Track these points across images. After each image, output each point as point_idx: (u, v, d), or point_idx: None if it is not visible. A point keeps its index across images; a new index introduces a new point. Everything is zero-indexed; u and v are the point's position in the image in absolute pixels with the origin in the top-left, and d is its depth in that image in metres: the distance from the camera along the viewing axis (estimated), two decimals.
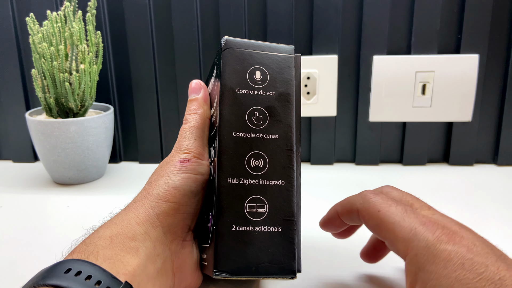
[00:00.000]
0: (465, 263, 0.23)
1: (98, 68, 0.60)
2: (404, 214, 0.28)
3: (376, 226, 0.29)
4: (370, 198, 0.30)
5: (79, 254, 0.26)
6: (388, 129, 0.66)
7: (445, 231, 0.26)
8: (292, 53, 0.32)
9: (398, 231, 0.27)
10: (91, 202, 0.55)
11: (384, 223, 0.28)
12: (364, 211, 0.30)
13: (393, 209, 0.28)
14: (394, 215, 0.28)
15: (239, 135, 0.30)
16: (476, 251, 0.24)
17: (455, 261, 0.24)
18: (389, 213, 0.28)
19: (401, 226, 0.27)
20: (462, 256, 0.24)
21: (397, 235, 0.27)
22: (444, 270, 0.24)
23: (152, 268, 0.28)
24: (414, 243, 0.26)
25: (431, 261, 0.24)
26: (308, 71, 0.63)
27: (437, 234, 0.25)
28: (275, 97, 0.31)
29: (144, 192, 0.31)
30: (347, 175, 0.63)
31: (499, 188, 0.57)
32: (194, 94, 0.36)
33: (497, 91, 0.63)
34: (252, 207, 0.29)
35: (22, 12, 0.65)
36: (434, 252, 0.24)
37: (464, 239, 0.25)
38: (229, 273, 0.27)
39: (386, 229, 0.28)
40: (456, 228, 0.26)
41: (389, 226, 0.27)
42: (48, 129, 0.56)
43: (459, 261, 0.24)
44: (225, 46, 0.31)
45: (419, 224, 0.26)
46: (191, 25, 0.63)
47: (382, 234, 0.28)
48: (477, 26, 0.60)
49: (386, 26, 0.61)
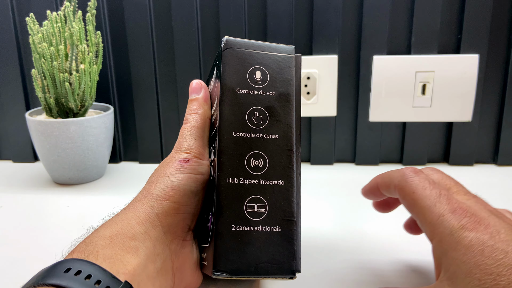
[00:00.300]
0: (484, 250, 0.24)
1: (98, 68, 0.60)
2: (437, 199, 0.28)
3: (409, 206, 0.30)
4: (408, 178, 0.31)
5: (79, 253, 0.26)
6: (388, 129, 0.66)
7: (472, 218, 0.26)
8: (293, 53, 0.32)
9: (427, 215, 0.28)
10: (91, 202, 0.55)
11: (417, 205, 0.29)
12: (401, 189, 0.31)
13: (427, 192, 0.29)
14: (427, 199, 0.29)
15: (239, 135, 0.30)
16: (498, 238, 0.25)
17: (475, 247, 0.24)
18: (423, 196, 0.29)
19: (431, 211, 0.28)
20: (483, 243, 0.24)
21: (426, 219, 0.28)
22: (464, 256, 0.24)
23: (152, 267, 0.28)
24: (440, 229, 0.26)
25: (453, 247, 0.25)
26: (308, 71, 0.63)
27: (463, 222, 0.26)
28: (275, 97, 0.31)
29: (144, 191, 0.31)
30: (347, 175, 0.63)
31: (499, 188, 0.57)
32: (194, 94, 0.36)
33: (497, 91, 0.63)
34: (251, 207, 0.29)
35: (22, 12, 0.65)
36: (457, 239, 0.25)
37: (490, 226, 0.26)
38: (228, 273, 0.27)
39: (418, 211, 0.29)
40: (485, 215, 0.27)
41: (421, 209, 0.28)
42: (48, 129, 0.56)
43: (479, 247, 0.24)
44: (226, 46, 0.31)
45: (448, 211, 0.27)
46: (191, 25, 0.63)
47: (414, 214, 0.29)
48: (477, 26, 0.60)
49: (386, 26, 0.61)
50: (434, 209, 0.28)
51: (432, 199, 0.28)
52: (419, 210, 0.29)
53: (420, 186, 0.30)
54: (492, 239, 0.24)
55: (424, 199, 0.29)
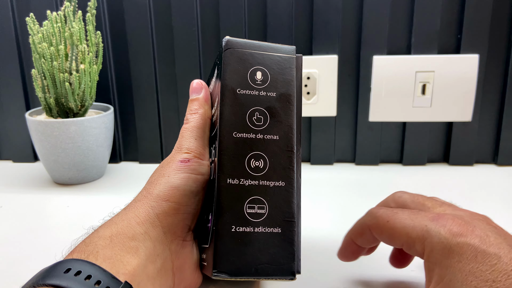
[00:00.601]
0: (478, 256, 0.24)
1: (98, 68, 0.60)
2: (413, 216, 0.28)
3: (390, 236, 0.29)
4: (376, 213, 0.30)
5: (79, 254, 0.26)
6: (388, 129, 0.66)
7: (456, 222, 0.26)
8: (294, 54, 0.32)
9: (411, 233, 0.27)
10: (91, 202, 0.55)
11: (396, 230, 0.28)
12: (375, 226, 0.30)
13: (400, 214, 0.29)
14: (403, 220, 0.28)
15: (240, 135, 0.30)
16: (488, 242, 0.24)
17: (468, 254, 0.24)
18: (398, 219, 0.28)
19: (412, 227, 0.27)
20: (475, 248, 0.24)
21: (411, 236, 0.27)
22: (458, 263, 0.24)
23: (152, 268, 0.28)
24: (428, 240, 0.26)
25: (446, 255, 0.25)
26: (308, 71, 0.63)
27: (448, 227, 0.25)
28: (276, 98, 0.31)
29: (145, 191, 0.31)
30: (347, 175, 0.63)
31: (499, 188, 0.57)
32: (195, 94, 0.36)
33: (497, 91, 0.63)
34: (252, 208, 0.29)
35: (22, 12, 0.65)
36: (447, 246, 0.25)
37: (476, 229, 0.25)
38: (228, 274, 0.27)
39: (399, 234, 0.28)
40: (468, 218, 0.27)
41: (401, 230, 0.28)
42: (48, 129, 0.56)
43: (472, 253, 0.24)
44: (226, 46, 0.31)
45: (429, 220, 0.27)
46: (191, 25, 0.63)
47: (397, 241, 0.28)
48: (477, 26, 0.60)
49: (386, 26, 0.61)
50: (414, 223, 0.27)
51: (407, 217, 0.28)
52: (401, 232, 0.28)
53: (390, 213, 0.29)
54: (483, 244, 0.24)
55: (400, 221, 0.28)
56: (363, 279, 0.36)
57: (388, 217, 0.29)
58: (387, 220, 0.29)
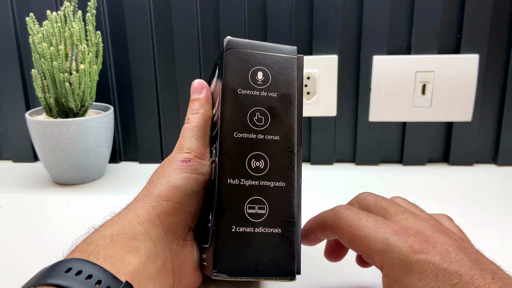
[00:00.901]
0: (438, 274, 0.23)
1: (98, 68, 0.60)
2: (376, 225, 0.27)
3: (350, 241, 0.28)
4: (341, 214, 0.29)
5: (79, 253, 0.26)
6: (388, 129, 0.66)
7: (417, 238, 0.25)
8: (295, 54, 0.32)
9: (371, 244, 0.26)
10: (91, 202, 0.55)
11: (357, 237, 0.27)
12: (337, 227, 0.29)
13: (364, 221, 0.28)
14: (366, 228, 0.27)
15: (240, 135, 0.30)
16: (449, 259, 0.24)
17: (428, 272, 0.23)
18: (361, 226, 0.28)
19: (374, 238, 0.26)
20: (435, 266, 0.24)
21: (371, 248, 0.26)
22: (419, 282, 0.23)
23: (153, 267, 0.28)
24: (388, 255, 0.25)
25: (406, 273, 0.24)
26: (308, 71, 0.63)
27: (410, 243, 0.25)
28: (277, 98, 0.31)
29: (145, 191, 0.31)
30: (347, 175, 0.63)
31: (499, 188, 0.57)
32: (196, 93, 0.36)
33: (497, 91, 0.63)
34: (252, 208, 0.29)
35: (22, 12, 0.65)
36: (408, 263, 0.24)
37: (437, 245, 0.25)
38: (228, 274, 0.27)
39: (360, 243, 0.27)
40: (429, 232, 0.26)
41: (362, 240, 0.27)
42: (48, 129, 0.56)
43: (432, 272, 0.23)
44: (228, 46, 0.31)
45: (391, 233, 0.26)
46: (191, 25, 0.63)
47: (357, 248, 0.28)
48: (477, 26, 0.60)
49: (386, 26, 0.61)
50: (376, 235, 0.27)
51: (371, 226, 0.27)
52: (362, 241, 0.27)
53: (355, 218, 0.28)
54: (444, 262, 0.24)
55: (363, 229, 0.27)
56: (363, 279, 0.36)
57: (352, 221, 0.28)
58: (350, 225, 0.28)
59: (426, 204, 0.53)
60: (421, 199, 0.54)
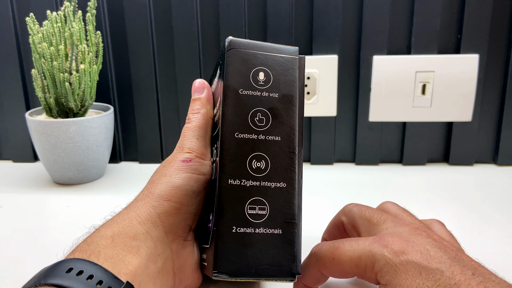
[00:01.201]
0: (421, 272, 0.25)
1: (98, 68, 0.60)
2: (355, 245, 0.28)
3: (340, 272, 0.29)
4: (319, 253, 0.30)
5: (80, 253, 0.26)
6: (388, 129, 0.66)
7: (395, 241, 0.26)
8: (296, 55, 0.32)
9: (359, 263, 0.27)
10: (91, 202, 0.55)
11: (344, 265, 0.28)
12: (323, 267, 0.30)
13: (342, 247, 0.28)
14: (347, 252, 0.28)
15: (241, 136, 0.30)
16: (429, 257, 0.25)
17: (413, 271, 0.25)
18: (342, 253, 0.28)
19: (358, 257, 0.27)
20: (417, 264, 0.25)
21: (359, 266, 0.27)
22: (405, 281, 0.25)
23: (153, 267, 0.28)
24: (375, 264, 0.26)
25: (394, 275, 0.25)
26: (308, 71, 0.63)
27: (390, 246, 0.26)
28: (278, 99, 0.31)
29: (146, 191, 0.31)
30: (347, 175, 0.63)
31: (499, 188, 0.57)
32: (197, 93, 0.36)
33: (497, 91, 0.63)
34: (253, 208, 0.29)
35: (22, 12, 0.65)
36: (393, 266, 0.25)
37: (416, 245, 0.26)
38: (228, 275, 0.27)
39: (349, 268, 0.28)
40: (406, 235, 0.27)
41: (349, 263, 0.28)
42: (48, 129, 0.56)
43: (416, 270, 0.25)
44: (229, 46, 0.31)
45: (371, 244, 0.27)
46: (191, 25, 0.63)
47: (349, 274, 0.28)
48: (477, 26, 0.60)
49: (386, 26, 0.61)
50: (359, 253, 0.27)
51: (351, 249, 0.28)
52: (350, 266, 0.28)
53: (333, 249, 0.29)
54: (424, 260, 0.25)
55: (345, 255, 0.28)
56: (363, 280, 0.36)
57: (332, 254, 0.29)
58: (332, 258, 0.29)
59: (426, 204, 0.53)
60: (421, 199, 0.54)
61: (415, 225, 0.29)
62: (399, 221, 0.30)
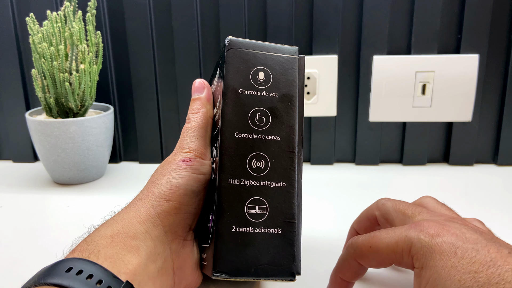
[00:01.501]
0: (457, 251, 0.25)
1: (98, 68, 0.60)
2: (390, 232, 0.28)
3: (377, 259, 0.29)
4: (356, 243, 0.30)
5: (80, 252, 0.26)
6: (388, 129, 0.66)
7: (430, 224, 0.27)
8: (296, 55, 0.32)
9: (395, 248, 0.27)
10: (91, 202, 0.55)
11: (381, 251, 0.28)
12: (360, 256, 0.30)
13: (378, 235, 0.29)
14: (383, 239, 0.28)
15: (241, 135, 0.30)
16: (465, 238, 0.25)
17: (448, 251, 0.25)
18: (379, 241, 0.29)
19: (395, 242, 0.28)
20: (452, 244, 0.25)
21: (396, 251, 0.27)
22: (440, 261, 0.25)
23: (153, 267, 0.28)
24: (412, 248, 0.27)
25: (429, 257, 0.25)
26: (308, 71, 0.63)
27: (426, 230, 0.26)
28: (278, 98, 0.31)
29: (146, 191, 0.31)
30: (347, 175, 0.63)
31: (499, 188, 0.57)
32: (197, 93, 0.36)
33: (497, 91, 0.63)
34: (252, 208, 0.29)
35: (22, 12, 0.65)
36: (429, 248, 0.26)
37: (451, 228, 0.26)
38: (228, 274, 0.27)
39: (386, 254, 0.28)
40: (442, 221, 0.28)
41: (386, 250, 0.28)
42: (48, 129, 0.56)
43: (451, 250, 0.25)
44: (229, 46, 0.31)
45: (407, 230, 0.27)
46: (191, 25, 0.63)
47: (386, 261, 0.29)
48: (477, 26, 0.60)
49: (386, 26, 0.61)
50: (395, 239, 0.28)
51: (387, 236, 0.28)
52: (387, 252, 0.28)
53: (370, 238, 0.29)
54: (460, 240, 0.25)
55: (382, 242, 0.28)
56: (363, 279, 0.36)
57: (368, 242, 0.29)
58: (369, 246, 0.29)
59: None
60: None
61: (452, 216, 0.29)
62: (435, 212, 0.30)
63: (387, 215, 0.33)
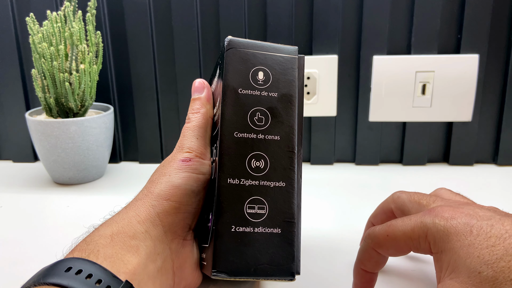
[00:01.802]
0: (472, 229, 0.25)
1: (98, 68, 0.60)
2: (406, 220, 0.29)
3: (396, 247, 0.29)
4: (373, 233, 0.31)
5: (79, 252, 0.26)
6: (388, 129, 0.66)
7: (444, 208, 0.27)
8: (296, 54, 0.32)
9: (412, 235, 0.28)
10: (91, 202, 0.55)
11: (399, 239, 0.29)
12: (379, 245, 0.30)
13: (394, 224, 0.29)
14: (400, 227, 0.29)
15: (241, 135, 0.30)
16: (478, 216, 0.26)
17: (463, 231, 0.25)
18: (395, 229, 0.29)
19: (411, 229, 0.28)
20: (467, 224, 0.25)
21: (413, 238, 0.28)
22: (457, 242, 0.25)
23: (152, 267, 0.28)
24: (428, 233, 0.27)
25: (446, 240, 0.26)
26: (308, 71, 0.63)
27: (440, 214, 0.27)
28: (277, 98, 0.31)
29: (145, 190, 0.31)
30: (347, 175, 0.63)
31: (499, 188, 0.57)
32: (197, 93, 0.36)
33: (497, 91, 0.63)
34: (252, 208, 0.29)
35: (22, 12, 0.65)
36: (444, 231, 0.26)
37: (464, 209, 0.27)
38: (227, 274, 0.27)
39: (404, 241, 0.29)
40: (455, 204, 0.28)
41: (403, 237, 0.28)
42: (48, 129, 0.56)
43: (467, 229, 0.25)
44: (229, 46, 0.31)
45: (422, 216, 0.28)
46: (191, 25, 0.63)
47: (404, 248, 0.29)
48: (477, 26, 0.60)
49: (386, 26, 0.61)
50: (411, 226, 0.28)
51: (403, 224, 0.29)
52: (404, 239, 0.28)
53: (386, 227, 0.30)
54: (473, 218, 0.26)
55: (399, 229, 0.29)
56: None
57: (385, 231, 0.30)
58: (387, 235, 0.30)
59: None
60: None
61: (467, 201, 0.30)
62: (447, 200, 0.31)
63: (403, 207, 0.34)
